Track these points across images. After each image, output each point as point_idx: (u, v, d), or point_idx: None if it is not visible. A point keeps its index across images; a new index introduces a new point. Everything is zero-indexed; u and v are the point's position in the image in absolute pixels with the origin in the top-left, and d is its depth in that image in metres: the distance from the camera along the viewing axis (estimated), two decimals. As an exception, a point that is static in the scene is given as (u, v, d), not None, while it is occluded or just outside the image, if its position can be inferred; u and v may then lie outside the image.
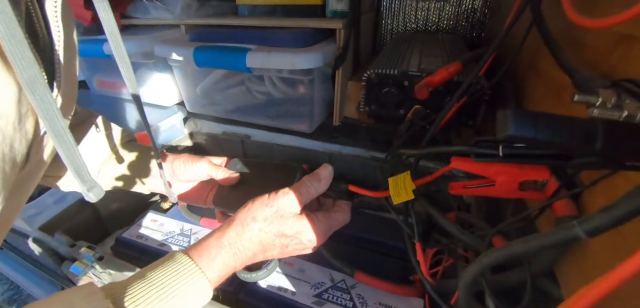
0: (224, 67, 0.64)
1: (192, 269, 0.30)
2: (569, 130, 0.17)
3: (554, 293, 0.29)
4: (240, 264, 0.35)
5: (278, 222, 0.35)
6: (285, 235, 0.36)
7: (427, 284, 0.37)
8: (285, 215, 0.36)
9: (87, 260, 0.58)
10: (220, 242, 0.33)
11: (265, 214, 0.36)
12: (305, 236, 0.36)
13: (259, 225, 0.35)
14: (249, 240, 0.34)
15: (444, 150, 0.33)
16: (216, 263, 0.32)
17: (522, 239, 0.24)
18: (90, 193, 0.29)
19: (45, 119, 0.23)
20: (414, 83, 0.55)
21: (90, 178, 0.28)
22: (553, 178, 0.33)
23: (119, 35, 0.33)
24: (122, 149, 0.49)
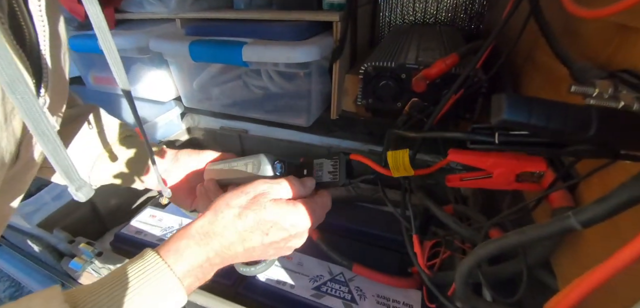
0: (220, 61, 0.64)
1: (159, 265, 0.28)
2: (563, 116, 0.17)
3: (549, 283, 0.30)
4: (217, 256, 0.31)
5: (255, 207, 0.33)
6: (265, 221, 0.33)
7: (424, 276, 0.38)
8: (263, 201, 0.33)
9: (86, 256, 0.58)
10: (188, 232, 0.31)
11: (240, 201, 0.33)
12: (287, 221, 0.33)
13: (234, 211, 0.32)
14: (224, 227, 0.32)
15: (442, 135, 0.33)
16: (184, 255, 0.29)
17: (518, 230, 0.24)
18: (79, 193, 0.28)
19: (27, 118, 0.22)
20: (411, 76, 0.55)
21: (79, 177, 0.27)
22: (550, 170, 0.34)
23: (107, 29, 0.32)
24: (119, 144, 0.48)
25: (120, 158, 0.47)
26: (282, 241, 0.34)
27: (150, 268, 0.28)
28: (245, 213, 0.32)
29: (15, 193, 0.30)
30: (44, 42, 0.26)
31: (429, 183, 0.55)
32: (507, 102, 0.17)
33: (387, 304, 0.48)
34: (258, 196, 0.34)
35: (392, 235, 0.61)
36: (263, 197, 0.34)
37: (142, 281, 0.27)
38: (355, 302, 0.48)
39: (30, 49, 0.25)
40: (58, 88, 0.29)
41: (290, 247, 0.36)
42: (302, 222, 0.35)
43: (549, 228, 0.22)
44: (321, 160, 0.43)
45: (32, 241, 0.68)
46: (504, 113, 0.17)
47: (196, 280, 0.31)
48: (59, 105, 0.31)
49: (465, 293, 0.29)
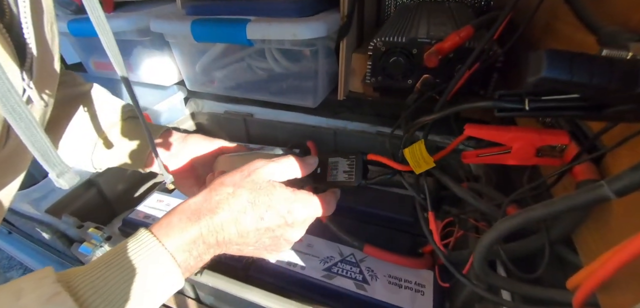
0: (224, 40, 0.62)
1: (150, 241, 0.27)
2: (608, 71, 0.16)
3: (570, 259, 0.29)
4: (209, 233, 0.30)
5: (249, 186, 0.31)
6: (259, 201, 0.31)
7: (440, 253, 0.37)
8: (258, 180, 0.32)
9: (96, 240, 0.58)
10: (180, 207, 0.30)
11: (234, 179, 0.32)
12: (283, 206, 0.32)
13: (227, 189, 0.31)
14: (216, 204, 0.30)
15: (464, 108, 0.31)
16: (176, 230, 0.28)
17: (545, 202, 0.23)
18: (60, 179, 0.26)
19: None
20: (422, 51, 0.53)
21: (60, 161, 0.26)
22: (573, 143, 0.32)
23: (100, 9, 0.30)
24: (122, 126, 0.47)
25: (123, 141, 0.46)
26: (278, 228, 0.32)
27: (143, 245, 0.27)
28: (238, 192, 0.31)
29: (11, 175, 0.29)
30: (25, 11, 0.24)
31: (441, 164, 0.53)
32: (547, 58, 0.16)
33: (399, 284, 0.47)
34: (252, 173, 0.32)
35: (401, 215, 0.60)
36: (257, 175, 0.32)
37: (134, 258, 0.26)
38: (366, 283, 0.48)
39: (9, 21, 0.23)
40: (45, 62, 0.28)
41: (287, 239, 0.33)
42: (299, 210, 0.33)
43: (580, 199, 0.21)
44: (336, 159, 0.42)
45: (41, 228, 0.68)
46: (544, 70, 0.16)
47: (190, 257, 0.29)
48: (49, 80, 0.29)
49: (483, 269, 0.28)
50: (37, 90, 0.26)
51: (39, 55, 0.26)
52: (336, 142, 0.86)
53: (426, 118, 0.38)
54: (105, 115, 0.46)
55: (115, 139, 0.46)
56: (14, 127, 0.22)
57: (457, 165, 0.62)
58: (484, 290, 0.31)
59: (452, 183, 0.36)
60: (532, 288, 0.27)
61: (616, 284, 0.22)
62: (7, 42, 0.22)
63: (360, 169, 0.41)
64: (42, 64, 0.27)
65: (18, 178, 0.31)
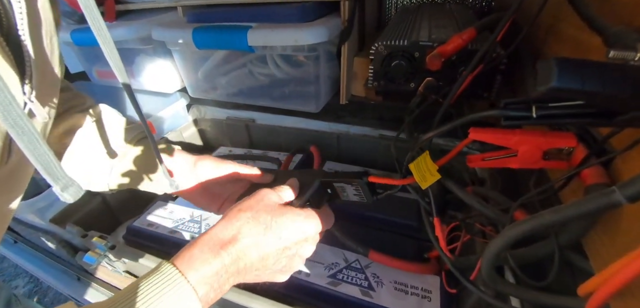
0: (225, 47, 0.62)
1: (172, 274, 0.27)
2: (620, 78, 0.15)
3: (581, 265, 0.28)
4: (232, 263, 0.30)
5: (265, 209, 0.33)
6: (278, 222, 0.33)
7: (446, 260, 0.36)
8: (270, 203, 0.34)
9: (100, 250, 0.58)
10: (201, 239, 0.30)
11: (250, 204, 0.33)
12: (297, 224, 0.33)
13: (247, 214, 0.32)
14: (237, 231, 0.31)
15: (471, 118, 0.31)
16: (197, 263, 0.28)
17: (553, 209, 0.22)
18: (64, 193, 0.25)
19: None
20: (425, 54, 0.53)
21: (64, 174, 0.25)
22: (581, 146, 0.31)
23: (100, 18, 0.30)
24: (135, 148, 0.46)
25: (138, 164, 0.46)
26: (294, 246, 0.33)
27: (164, 278, 0.27)
28: (256, 216, 0.32)
29: (12, 192, 0.29)
30: (22, 22, 0.23)
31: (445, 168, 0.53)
32: (557, 67, 0.15)
33: (405, 290, 0.46)
34: (264, 197, 0.34)
35: (406, 220, 0.59)
36: (269, 199, 0.34)
37: (155, 293, 0.26)
38: (372, 289, 0.47)
39: (7, 31, 0.23)
40: (46, 74, 0.27)
41: (301, 255, 0.35)
42: (311, 225, 0.34)
43: (591, 205, 0.20)
44: (342, 184, 0.42)
45: (46, 237, 0.68)
46: (554, 80, 0.15)
47: (211, 290, 0.29)
48: (50, 93, 0.29)
49: (491, 276, 0.28)
50: (39, 103, 0.26)
51: (39, 68, 0.26)
52: (339, 146, 0.85)
53: (433, 132, 0.37)
54: (119, 138, 0.45)
55: (130, 162, 0.45)
56: (16, 141, 0.22)
57: (462, 168, 0.61)
58: (492, 297, 0.30)
59: (458, 189, 0.36)
60: (543, 295, 0.26)
61: (630, 291, 0.21)
62: (6, 54, 0.22)
63: (367, 190, 0.41)
64: (42, 77, 0.27)
65: (20, 193, 0.31)
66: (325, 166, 0.79)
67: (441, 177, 0.36)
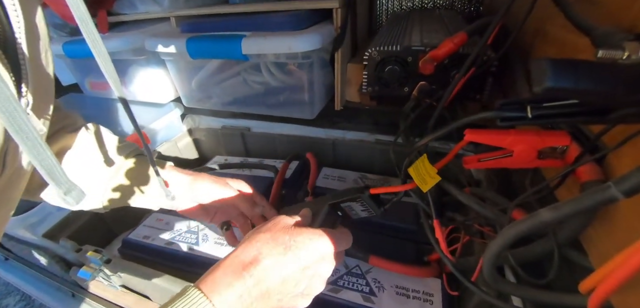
0: (219, 56, 0.62)
1: (200, 300, 0.27)
2: (612, 76, 0.16)
3: (579, 261, 0.28)
4: (255, 285, 0.30)
5: (282, 231, 0.33)
6: (296, 242, 0.33)
7: (448, 262, 0.36)
8: (286, 225, 0.34)
9: (95, 264, 0.57)
10: (224, 263, 0.30)
11: (267, 226, 0.34)
12: (313, 243, 0.33)
13: (266, 236, 0.32)
14: (258, 251, 0.31)
15: (468, 121, 0.31)
16: (221, 287, 0.28)
17: (551, 207, 0.23)
18: (67, 197, 0.26)
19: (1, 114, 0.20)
20: (417, 58, 0.54)
21: (67, 179, 0.25)
22: (574, 144, 0.32)
23: (94, 28, 0.30)
24: (130, 165, 0.46)
25: (130, 178, 0.46)
26: (314, 265, 0.33)
27: (190, 303, 0.27)
28: (275, 236, 0.32)
29: (5, 205, 0.28)
30: (20, 36, 0.24)
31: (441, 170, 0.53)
32: (550, 67, 0.16)
33: (406, 294, 0.46)
34: (281, 221, 0.35)
35: (405, 224, 0.59)
36: (285, 222, 0.35)
37: None
38: (374, 295, 0.47)
39: (4, 44, 0.23)
40: (41, 87, 0.27)
41: (321, 275, 0.34)
42: (327, 244, 0.34)
43: (588, 201, 0.21)
44: (348, 204, 0.44)
45: (39, 253, 0.67)
46: (548, 80, 0.16)
47: None
48: (44, 106, 0.29)
49: (492, 276, 0.28)
50: (34, 115, 0.26)
51: (35, 80, 0.26)
52: (335, 152, 0.85)
53: (429, 137, 0.38)
54: (111, 156, 0.45)
55: (123, 179, 0.45)
56: (21, 145, 0.22)
57: (458, 170, 0.62)
58: (494, 297, 0.30)
59: (456, 191, 0.36)
60: (545, 293, 0.27)
61: (631, 286, 0.21)
62: (4, 65, 0.22)
63: (373, 203, 0.42)
64: (38, 89, 0.26)
65: (12, 209, 0.30)
66: (321, 172, 0.79)
67: (440, 180, 0.36)
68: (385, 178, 0.76)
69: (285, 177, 0.77)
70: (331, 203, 0.43)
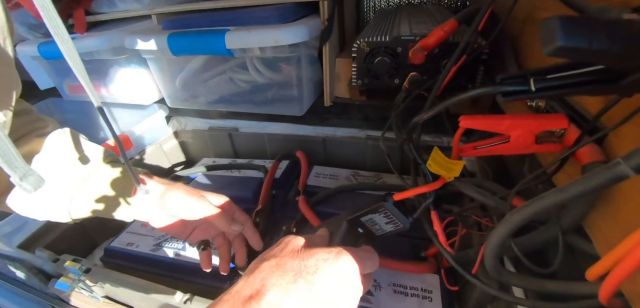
0: (203, 51, 0.60)
1: None
2: (629, 34, 0.14)
3: (585, 248, 0.27)
4: None
5: (290, 255, 0.30)
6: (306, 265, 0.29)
7: (448, 255, 0.34)
8: (296, 247, 0.31)
9: (74, 274, 0.54)
10: (225, 298, 0.27)
11: (273, 252, 0.30)
12: (330, 265, 0.29)
13: (270, 263, 0.29)
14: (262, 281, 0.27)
15: (464, 97, 0.29)
16: None
17: (556, 189, 0.21)
18: (23, 182, 0.25)
19: None
20: (407, 49, 0.52)
21: (23, 164, 0.25)
22: (572, 126, 0.31)
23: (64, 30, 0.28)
24: (101, 172, 0.43)
25: (103, 190, 0.43)
26: (333, 292, 0.28)
27: None
28: (282, 262, 0.28)
29: None
30: None
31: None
32: (561, 25, 0.14)
33: (404, 292, 0.45)
34: (289, 243, 0.31)
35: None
36: (294, 243, 0.31)
37: None
38: (370, 294, 0.45)
39: None
40: None
41: (342, 303, 0.29)
42: (345, 265, 0.30)
43: (596, 180, 0.19)
44: (369, 216, 0.40)
45: (15, 265, 0.63)
46: (559, 39, 0.14)
47: None
48: (3, 95, 0.28)
49: (496, 268, 0.26)
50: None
51: None
52: (326, 150, 0.84)
53: (424, 115, 0.36)
54: (81, 163, 0.42)
55: (93, 188, 0.42)
56: None
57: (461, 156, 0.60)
58: (497, 289, 0.29)
59: (456, 180, 0.34)
60: (552, 283, 0.25)
61: None
62: None
63: (398, 212, 0.38)
64: None
65: None
66: (312, 171, 0.77)
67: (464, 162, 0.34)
68: (378, 175, 0.74)
69: (276, 177, 0.74)
70: (350, 219, 0.39)
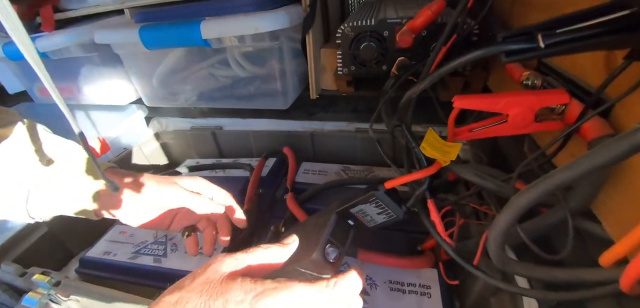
0: (177, 43, 0.56)
1: None
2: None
3: (594, 231, 0.25)
4: None
5: (199, 287, 0.25)
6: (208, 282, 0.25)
7: (447, 247, 0.32)
8: (213, 277, 0.26)
9: (43, 289, 0.49)
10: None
11: (183, 283, 0.26)
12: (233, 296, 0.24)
13: (172, 299, 0.24)
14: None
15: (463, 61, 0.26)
16: None
17: (566, 165, 0.19)
18: None
19: None
20: (394, 32, 0.50)
21: None
22: (574, 101, 0.29)
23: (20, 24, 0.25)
24: (63, 166, 0.40)
25: (65, 185, 0.39)
26: None
27: None
28: (185, 298, 0.24)
29: None
30: None
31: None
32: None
33: (401, 289, 0.42)
34: (208, 269, 0.26)
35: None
36: (213, 271, 0.26)
37: None
38: (366, 293, 0.42)
39: None
40: None
41: None
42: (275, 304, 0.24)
43: (612, 152, 0.17)
44: (359, 207, 0.37)
45: (-22, 282, 0.58)
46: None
47: None
48: None
49: (501, 257, 0.24)
50: None
51: None
52: (314, 145, 0.81)
53: (419, 86, 0.33)
54: (40, 159, 0.38)
55: (54, 185, 0.39)
56: None
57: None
58: (501, 280, 0.26)
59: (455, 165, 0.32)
60: (562, 271, 0.23)
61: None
62: None
63: (391, 201, 0.36)
64: None
65: None
66: (301, 168, 0.74)
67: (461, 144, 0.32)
68: (369, 169, 0.72)
69: (262, 175, 0.71)
70: (339, 211, 0.37)
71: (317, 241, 0.32)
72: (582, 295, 0.22)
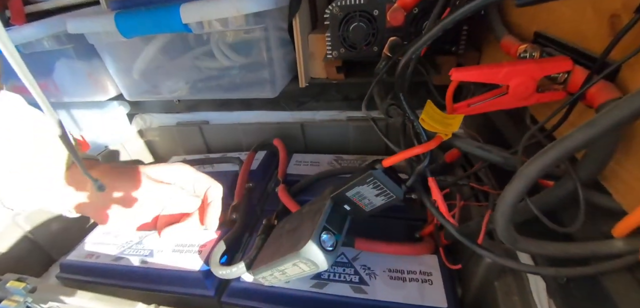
0: (156, 30, 0.52)
1: None
2: None
3: (605, 203, 0.23)
4: None
5: None
6: None
7: (451, 228, 0.30)
8: None
9: (18, 296, 0.46)
10: None
11: None
12: None
13: None
14: None
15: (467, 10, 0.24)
16: None
17: (583, 125, 0.17)
18: None
19: None
20: (385, 10, 0.48)
21: None
22: (577, 68, 0.27)
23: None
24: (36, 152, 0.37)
25: (39, 171, 0.36)
26: None
27: None
28: None
29: None
30: None
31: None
32: None
33: (402, 277, 0.40)
34: None
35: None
36: None
37: None
38: (365, 283, 0.40)
39: None
40: None
41: None
42: None
43: (634, 105, 0.15)
44: (356, 190, 0.35)
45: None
46: None
47: None
48: None
49: (510, 235, 0.22)
50: None
51: None
52: (305, 136, 0.78)
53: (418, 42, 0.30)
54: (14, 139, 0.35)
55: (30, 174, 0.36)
56: None
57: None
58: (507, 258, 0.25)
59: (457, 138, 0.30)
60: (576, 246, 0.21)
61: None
62: None
63: (391, 179, 0.34)
64: None
65: None
66: (292, 159, 0.72)
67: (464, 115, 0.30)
68: (363, 158, 0.70)
69: (252, 168, 0.69)
70: (334, 196, 0.35)
71: (313, 228, 0.30)
72: (596, 269, 0.20)
